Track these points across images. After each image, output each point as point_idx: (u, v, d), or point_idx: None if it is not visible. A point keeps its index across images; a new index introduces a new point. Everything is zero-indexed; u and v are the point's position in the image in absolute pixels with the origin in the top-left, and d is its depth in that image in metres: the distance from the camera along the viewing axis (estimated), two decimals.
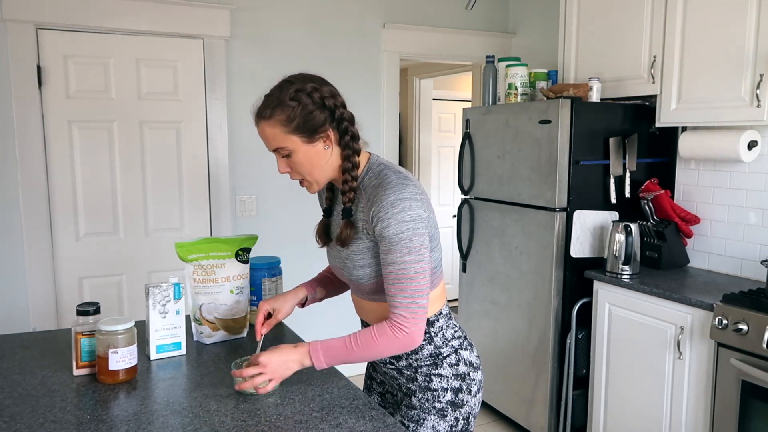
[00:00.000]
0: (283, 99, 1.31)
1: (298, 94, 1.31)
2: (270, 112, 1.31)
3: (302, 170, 1.35)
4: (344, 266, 1.43)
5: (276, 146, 1.33)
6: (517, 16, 4.02)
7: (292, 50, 3.43)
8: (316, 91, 1.32)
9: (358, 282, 1.42)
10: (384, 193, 1.30)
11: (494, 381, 3.19)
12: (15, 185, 2.88)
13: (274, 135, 1.31)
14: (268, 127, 1.32)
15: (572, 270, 2.77)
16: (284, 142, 1.32)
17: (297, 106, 1.30)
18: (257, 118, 1.35)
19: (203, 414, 1.27)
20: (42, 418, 1.25)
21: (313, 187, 1.39)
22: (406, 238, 1.28)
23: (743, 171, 2.62)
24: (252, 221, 3.42)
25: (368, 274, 1.38)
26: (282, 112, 1.30)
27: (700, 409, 2.27)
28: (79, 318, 1.47)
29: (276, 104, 1.31)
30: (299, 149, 1.32)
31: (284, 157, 1.34)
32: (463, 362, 1.46)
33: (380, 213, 1.29)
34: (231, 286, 1.71)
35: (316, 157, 1.34)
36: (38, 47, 2.87)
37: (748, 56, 2.29)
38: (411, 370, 1.45)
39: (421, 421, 1.42)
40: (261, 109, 1.34)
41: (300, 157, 1.33)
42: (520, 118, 2.88)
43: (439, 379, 1.43)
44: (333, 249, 1.47)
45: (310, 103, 1.31)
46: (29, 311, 2.95)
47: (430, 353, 1.43)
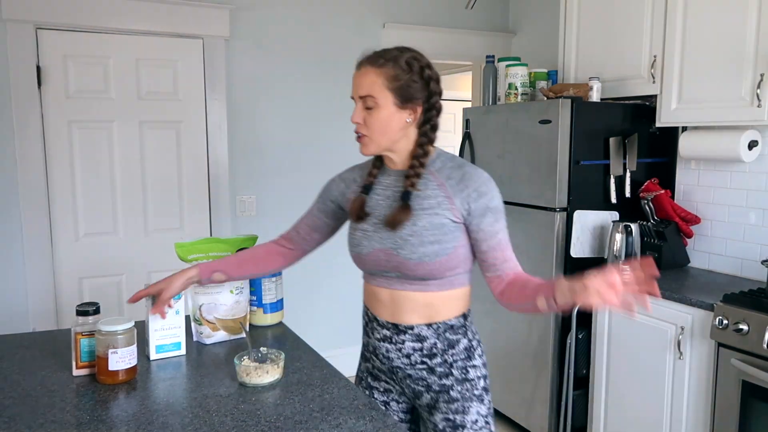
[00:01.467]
0: (398, 58, 1.37)
1: (413, 61, 1.38)
2: (382, 62, 1.36)
3: (375, 126, 1.38)
4: (403, 244, 1.38)
5: (368, 93, 1.36)
6: (517, 16, 4.02)
7: (292, 50, 3.43)
8: (428, 68, 1.40)
9: (418, 261, 1.37)
10: (477, 172, 1.40)
11: (494, 381, 3.19)
12: (15, 185, 2.88)
13: (374, 83, 1.36)
14: (372, 74, 1.36)
15: (572, 270, 2.77)
16: (378, 94, 1.36)
17: (407, 70, 1.37)
18: (366, 62, 1.38)
19: (203, 414, 1.27)
20: (42, 419, 1.24)
21: (370, 148, 1.41)
22: (503, 210, 1.41)
23: (743, 171, 2.62)
24: (252, 221, 3.42)
25: (435, 252, 1.37)
26: (392, 68, 1.36)
27: (701, 410, 2.27)
28: (78, 318, 1.46)
29: (390, 59, 1.37)
30: (386, 108, 1.36)
31: (367, 108, 1.38)
32: (484, 352, 1.53)
33: (482, 188, 1.38)
34: (231, 286, 1.71)
35: (396, 123, 1.38)
36: (38, 47, 2.87)
37: (749, 56, 2.29)
38: (445, 366, 1.46)
39: (466, 411, 1.45)
40: (374, 56, 1.38)
41: (382, 115, 1.37)
42: (520, 118, 2.88)
43: (474, 370, 1.48)
44: (379, 230, 1.42)
45: (419, 75, 1.38)
46: (29, 311, 2.95)
47: (465, 347, 1.47)
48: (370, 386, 1.57)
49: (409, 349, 1.45)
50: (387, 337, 1.47)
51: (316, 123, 3.53)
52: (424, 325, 1.43)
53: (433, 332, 1.44)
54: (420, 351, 1.45)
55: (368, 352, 1.57)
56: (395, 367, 1.49)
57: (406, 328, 1.44)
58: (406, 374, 1.48)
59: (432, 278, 1.40)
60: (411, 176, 1.39)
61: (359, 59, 1.41)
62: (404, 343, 1.45)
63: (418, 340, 1.44)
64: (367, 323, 1.54)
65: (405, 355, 1.46)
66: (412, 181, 1.39)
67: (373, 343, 1.52)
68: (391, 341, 1.47)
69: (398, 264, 1.40)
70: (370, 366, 1.57)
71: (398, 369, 1.48)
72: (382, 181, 1.48)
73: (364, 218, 1.45)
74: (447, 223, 1.38)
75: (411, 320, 1.44)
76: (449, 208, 1.38)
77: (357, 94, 1.39)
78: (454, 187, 1.38)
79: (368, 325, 1.54)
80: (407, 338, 1.45)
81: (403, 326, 1.45)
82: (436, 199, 1.39)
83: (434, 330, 1.44)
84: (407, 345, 1.45)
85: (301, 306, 3.58)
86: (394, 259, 1.40)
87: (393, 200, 1.43)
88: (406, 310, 1.44)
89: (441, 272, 1.39)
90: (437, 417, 1.46)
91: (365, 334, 1.56)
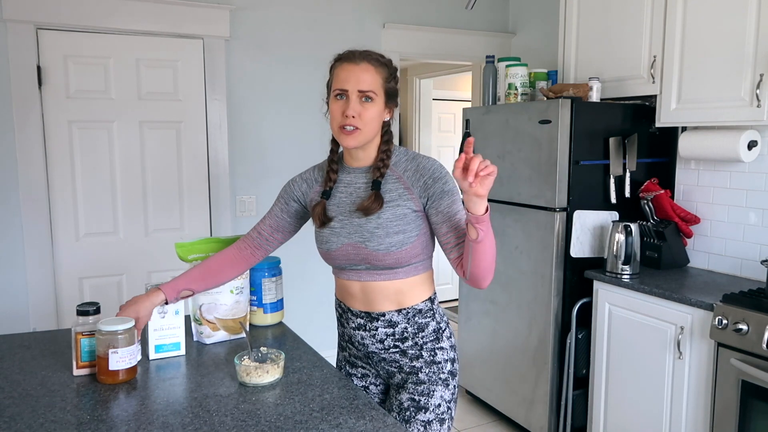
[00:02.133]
0: (388, 63, 1.52)
1: (393, 67, 1.53)
2: (379, 63, 1.49)
3: (367, 119, 1.46)
4: (370, 237, 1.47)
5: (368, 88, 1.45)
6: (517, 16, 4.02)
7: (291, 50, 3.43)
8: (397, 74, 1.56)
9: (386, 251, 1.46)
10: (428, 160, 1.52)
11: (494, 381, 3.19)
12: (15, 185, 2.88)
13: (375, 80, 1.46)
14: (373, 71, 1.47)
15: (572, 270, 2.77)
16: (377, 91, 1.47)
17: (393, 75, 1.52)
18: (363, 58, 1.47)
19: (203, 414, 1.27)
20: (42, 418, 1.25)
21: (359, 139, 1.47)
22: (458, 192, 1.47)
23: (743, 171, 2.62)
24: (252, 221, 3.42)
25: (400, 241, 1.47)
26: (386, 71, 1.50)
27: (700, 409, 2.27)
28: (79, 318, 1.47)
29: (385, 62, 1.51)
30: (379, 104, 1.48)
31: (365, 101, 1.46)
32: (452, 334, 1.62)
33: (435, 174, 1.48)
34: (231, 286, 1.71)
35: (379, 120, 1.50)
36: (38, 47, 2.87)
37: (748, 56, 2.29)
38: (416, 348, 1.55)
39: (430, 393, 1.53)
40: (371, 56, 1.49)
41: (374, 110, 1.47)
42: (520, 118, 2.88)
43: (441, 352, 1.56)
44: (346, 226, 1.51)
45: (395, 81, 1.53)
46: (29, 311, 2.96)
47: (434, 329, 1.57)
48: (349, 373, 1.67)
49: (382, 335, 1.55)
50: (361, 326, 1.57)
51: (316, 123, 3.53)
52: (395, 311, 1.53)
53: (403, 317, 1.54)
54: (392, 336, 1.55)
55: (344, 342, 1.67)
56: (371, 352, 1.59)
57: (378, 315, 1.54)
58: (381, 358, 1.58)
59: (399, 266, 1.50)
60: (380, 167, 1.51)
61: (352, 53, 1.49)
62: (377, 330, 1.55)
63: (390, 326, 1.54)
64: (341, 315, 1.63)
65: (379, 341, 1.56)
66: (381, 172, 1.50)
67: (348, 332, 1.61)
68: (365, 329, 1.57)
69: (367, 255, 1.49)
70: (347, 354, 1.67)
71: (373, 354, 1.58)
72: (343, 179, 1.57)
73: (327, 223, 1.54)
74: (408, 213, 1.48)
75: (382, 307, 1.54)
76: (410, 198, 1.49)
77: (357, 88, 1.45)
78: (411, 177, 1.50)
79: (342, 317, 1.63)
80: (380, 325, 1.55)
81: (375, 314, 1.55)
82: (397, 192, 1.49)
83: (404, 315, 1.54)
84: (380, 331, 1.55)
85: (301, 306, 3.58)
86: (362, 252, 1.49)
87: (356, 196, 1.53)
88: (377, 298, 1.54)
89: (407, 260, 1.49)
90: (403, 396, 1.55)
91: (340, 325, 1.66)
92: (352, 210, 1.52)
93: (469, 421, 3.27)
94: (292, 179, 1.67)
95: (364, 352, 1.60)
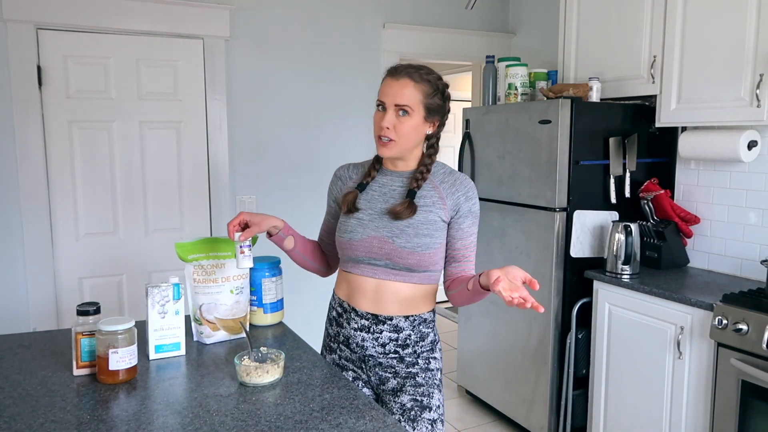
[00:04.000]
0: (432, 78, 1.54)
1: (439, 83, 1.55)
2: (420, 78, 1.51)
3: (403, 133, 1.52)
4: (399, 234, 1.52)
5: (405, 103, 1.50)
6: (517, 16, 4.02)
7: (291, 50, 3.43)
8: (447, 89, 1.58)
9: (411, 250, 1.51)
10: (466, 179, 1.60)
11: (494, 381, 3.19)
12: (15, 185, 2.88)
13: (412, 95, 1.50)
14: (411, 86, 1.50)
15: (572, 270, 2.77)
16: (414, 105, 1.51)
17: (437, 91, 1.54)
18: (405, 74, 1.51)
19: (203, 414, 1.27)
20: (42, 418, 1.25)
21: (393, 150, 1.54)
22: (479, 218, 1.61)
23: (743, 171, 2.62)
24: None
25: (426, 244, 1.52)
26: (428, 86, 1.52)
27: (700, 409, 2.28)
28: (79, 318, 1.47)
29: (427, 77, 1.53)
30: (416, 119, 1.52)
31: (400, 115, 1.51)
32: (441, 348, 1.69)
33: (469, 192, 1.57)
34: (231, 286, 1.71)
35: (419, 133, 1.55)
36: (38, 47, 2.87)
37: (748, 56, 2.29)
38: (414, 356, 1.59)
39: (430, 395, 1.59)
40: (414, 71, 1.52)
41: (412, 124, 1.52)
42: (520, 118, 2.88)
43: (434, 361, 1.63)
44: (375, 220, 1.56)
45: (441, 96, 1.56)
46: (29, 311, 2.95)
47: (431, 340, 1.62)
48: None
49: (385, 339, 1.57)
50: (365, 327, 1.58)
51: (316, 123, 3.53)
52: (402, 317, 1.57)
53: (409, 324, 1.57)
54: (395, 341, 1.57)
55: (335, 343, 1.67)
56: (368, 356, 1.60)
57: (385, 318, 1.57)
58: (377, 362, 1.60)
59: (417, 269, 1.54)
60: (418, 179, 1.56)
61: (396, 68, 1.54)
62: (382, 333, 1.57)
63: (396, 331, 1.57)
64: (341, 314, 1.64)
65: (381, 344, 1.58)
66: (419, 183, 1.56)
67: (346, 333, 1.62)
68: (368, 331, 1.58)
69: (390, 251, 1.53)
70: (336, 357, 1.67)
71: (370, 357, 1.60)
72: (379, 179, 1.63)
73: (353, 212, 1.59)
74: (438, 221, 1.55)
75: (391, 311, 1.56)
76: (442, 207, 1.55)
77: (394, 102, 1.50)
78: (447, 190, 1.57)
79: (342, 316, 1.64)
80: (385, 328, 1.57)
81: (383, 317, 1.57)
82: (431, 199, 1.55)
83: (411, 322, 1.58)
84: (384, 335, 1.57)
85: (302, 306, 3.58)
86: (387, 247, 1.53)
87: (389, 197, 1.58)
88: (388, 300, 1.56)
89: (427, 264, 1.54)
90: (404, 398, 1.58)
91: (336, 325, 1.66)
92: (383, 208, 1.57)
93: (469, 421, 3.27)
94: (331, 180, 1.74)
95: (360, 354, 1.60)
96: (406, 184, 1.58)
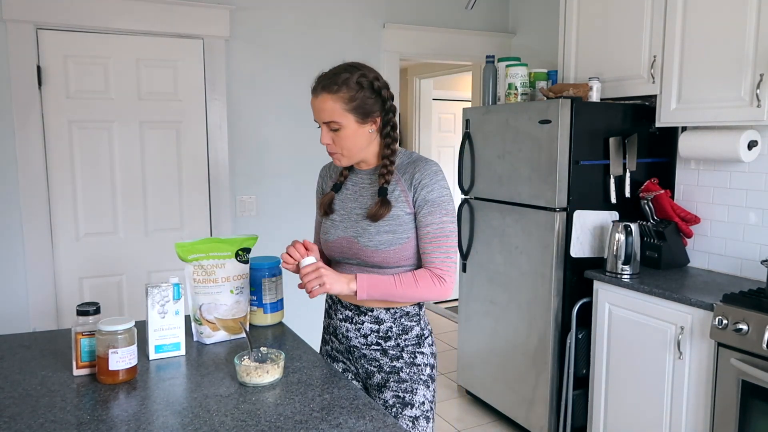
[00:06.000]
0: (349, 80, 1.48)
1: (362, 79, 1.49)
2: (337, 88, 1.47)
3: (344, 144, 1.51)
4: (362, 233, 1.53)
5: (330, 119, 1.48)
6: (517, 16, 4.02)
7: (291, 50, 3.43)
8: (376, 80, 1.51)
9: (374, 249, 1.51)
10: (425, 165, 1.52)
11: (494, 381, 3.19)
12: (15, 185, 2.88)
13: (333, 109, 1.47)
14: (330, 101, 1.48)
15: (572, 270, 2.77)
16: (339, 118, 1.48)
17: (360, 89, 1.48)
18: (321, 89, 1.49)
19: (203, 414, 1.27)
20: (42, 418, 1.25)
21: (343, 161, 1.55)
22: (445, 201, 1.51)
23: (743, 171, 2.62)
24: (252, 221, 3.42)
25: (389, 240, 1.51)
26: (347, 91, 1.47)
27: (700, 409, 2.27)
28: (79, 318, 1.47)
29: (343, 83, 1.47)
30: (350, 127, 1.49)
31: (333, 130, 1.50)
32: (434, 343, 1.67)
33: (424, 180, 1.50)
34: (231, 286, 1.71)
35: (362, 137, 1.52)
36: (38, 47, 2.87)
37: (748, 56, 2.29)
38: (398, 349, 1.60)
39: (414, 391, 1.59)
40: (328, 83, 1.48)
41: (348, 133, 1.49)
42: (520, 118, 2.88)
43: (421, 356, 1.61)
44: (345, 220, 1.58)
45: (370, 90, 1.49)
46: (29, 311, 2.95)
47: (417, 334, 1.61)
48: None
49: (367, 330, 1.59)
50: (348, 318, 1.62)
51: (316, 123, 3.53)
52: (383, 309, 1.58)
53: (390, 316, 1.58)
54: (377, 333, 1.59)
55: (328, 334, 1.72)
56: (352, 346, 1.63)
57: (366, 310, 1.59)
58: (362, 354, 1.62)
59: (386, 266, 1.54)
60: (384, 174, 1.53)
61: (313, 85, 1.52)
62: (363, 324, 1.59)
63: (376, 323, 1.59)
64: (330, 305, 1.69)
65: (363, 335, 1.60)
66: (385, 178, 1.53)
67: (334, 323, 1.66)
68: (351, 321, 1.61)
69: (357, 251, 1.55)
70: (329, 348, 1.72)
71: (355, 348, 1.62)
72: (352, 178, 1.64)
73: (330, 214, 1.62)
74: (402, 215, 1.52)
75: (371, 303, 1.58)
76: (405, 200, 1.52)
77: (321, 120, 1.51)
78: (408, 180, 1.53)
79: (331, 307, 1.68)
80: (366, 319, 1.59)
81: (364, 308, 1.59)
82: (394, 193, 1.53)
83: (392, 314, 1.58)
84: (366, 326, 1.59)
85: (301, 306, 3.58)
86: (354, 246, 1.55)
87: (359, 195, 1.59)
88: None
89: (395, 261, 1.53)
90: (387, 394, 1.59)
91: (327, 317, 1.71)
92: (352, 206, 1.59)
93: (469, 421, 3.27)
94: (317, 181, 1.76)
95: (347, 345, 1.64)
96: (375, 180, 1.58)
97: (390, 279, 1.48)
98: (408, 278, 1.49)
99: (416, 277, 1.49)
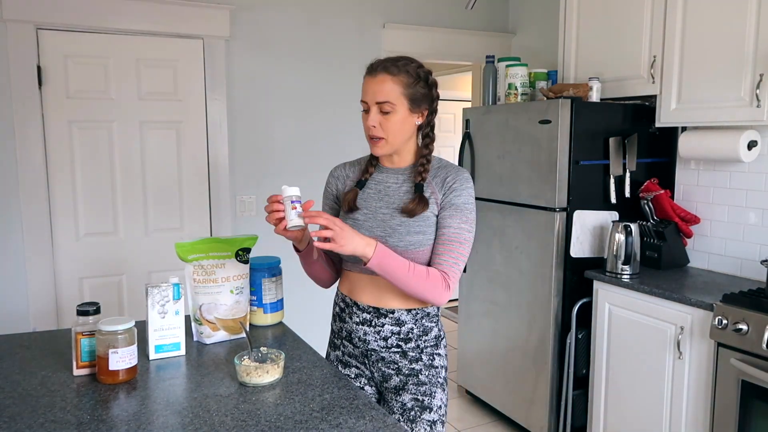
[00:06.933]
0: (409, 67, 1.51)
1: (420, 70, 1.52)
2: (397, 71, 1.49)
3: (390, 129, 1.50)
4: (392, 233, 1.51)
5: (385, 99, 1.48)
6: (517, 16, 4.02)
7: (292, 50, 3.43)
8: (430, 76, 1.55)
9: (404, 249, 1.49)
10: (458, 170, 1.55)
11: (494, 381, 3.19)
12: (15, 185, 2.88)
13: (391, 90, 1.48)
14: (389, 81, 1.48)
15: (572, 270, 2.77)
16: (396, 100, 1.48)
17: (418, 80, 1.51)
18: (382, 69, 1.49)
19: (203, 414, 1.27)
20: (42, 418, 1.25)
21: (384, 148, 1.53)
22: (469, 209, 1.52)
23: (743, 171, 2.62)
24: (252, 221, 3.42)
25: (419, 241, 1.50)
26: (406, 77, 1.49)
27: (700, 409, 2.28)
28: (79, 318, 1.47)
29: (403, 67, 1.50)
30: (401, 112, 1.50)
31: (383, 113, 1.49)
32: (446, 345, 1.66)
33: (456, 184, 1.52)
34: (231, 286, 1.71)
35: (408, 126, 1.53)
36: (38, 47, 2.87)
37: (748, 56, 2.29)
38: (417, 351, 1.58)
39: (432, 394, 1.58)
40: (389, 64, 1.49)
41: (398, 118, 1.50)
42: (520, 118, 2.88)
43: (438, 358, 1.61)
44: (369, 219, 1.55)
45: (425, 84, 1.53)
46: (29, 311, 2.95)
47: (435, 335, 1.61)
48: None
49: (387, 332, 1.56)
50: (366, 321, 1.58)
51: (316, 123, 3.53)
52: (405, 310, 1.56)
53: (412, 317, 1.56)
54: (398, 335, 1.56)
55: (339, 339, 1.67)
56: (370, 350, 1.59)
57: (387, 312, 1.56)
58: (380, 357, 1.59)
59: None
60: (421, 171, 1.54)
61: (373, 65, 1.51)
62: (383, 326, 1.56)
63: (397, 324, 1.56)
64: (344, 309, 1.64)
65: (383, 338, 1.57)
66: (422, 176, 1.54)
67: (348, 327, 1.62)
68: (370, 324, 1.57)
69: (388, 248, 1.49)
70: (340, 354, 1.67)
71: (373, 352, 1.59)
72: (376, 177, 1.62)
73: (354, 210, 1.58)
74: (431, 216, 1.52)
75: (392, 304, 1.56)
76: (435, 202, 1.53)
77: (374, 100, 1.49)
78: (439, 183, 1.54)
79: (344, 311, 1.63)
80: (387, 321, 1.56)
81: (384, 310, 1.56)
82: (427, 194, 1.53)
83: (413, 315, 1.56)
84: (386, 328, 1.56)
85: (301, 306, 3.58)
86: (389, 242, 1.51)
87: (384, 194, 1.57)
88: (389, 294, 1.56)
89: (423, 261, 1.52)
90: (406, 397, 1.57)
91: (339, 321, 1.66)
92: (377, 206, 1.56)
93: (469, 421, 3.27)
94: (327, 180, 1.71)
95: (363, 349, 1.60)
96: (402, 180, 1.57)
97: (405, 263, 1.45)
98: (421, 270, 1.46)
99: (428, 272, 1.47)
